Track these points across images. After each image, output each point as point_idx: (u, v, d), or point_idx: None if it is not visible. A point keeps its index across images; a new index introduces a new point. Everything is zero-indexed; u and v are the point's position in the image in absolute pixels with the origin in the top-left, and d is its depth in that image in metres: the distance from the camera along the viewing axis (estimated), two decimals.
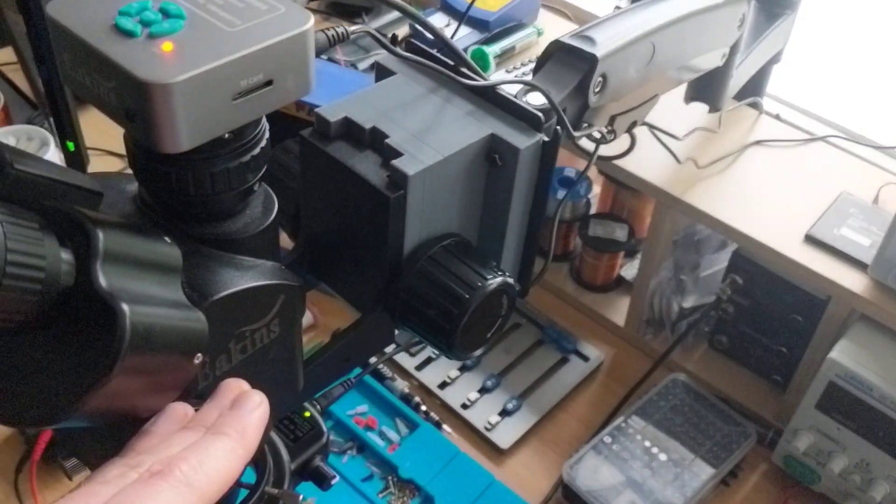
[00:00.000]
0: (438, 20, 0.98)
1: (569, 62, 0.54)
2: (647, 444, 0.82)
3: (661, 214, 0.85)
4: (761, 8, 0.90)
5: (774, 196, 0.82)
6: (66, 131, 0.94)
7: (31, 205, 0.29)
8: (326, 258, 0.46)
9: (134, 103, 0.30)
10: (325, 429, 0.36)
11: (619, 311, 0.99)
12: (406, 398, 0.89)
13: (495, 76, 0.93)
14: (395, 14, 1.38)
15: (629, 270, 1.03)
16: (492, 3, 0.97)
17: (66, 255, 0.29)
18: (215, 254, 0.34)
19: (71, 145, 0.95)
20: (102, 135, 1.06)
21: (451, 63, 0.48)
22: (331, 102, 0.45)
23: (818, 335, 0.80)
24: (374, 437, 0.85)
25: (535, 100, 0.52)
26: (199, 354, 0.32)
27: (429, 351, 0.94)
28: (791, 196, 0.82)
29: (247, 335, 0.35)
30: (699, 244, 0.92)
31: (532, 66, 0.97)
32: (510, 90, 0.48)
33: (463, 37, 0.96)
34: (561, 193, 0.97)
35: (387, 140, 0.43)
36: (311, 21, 0.34)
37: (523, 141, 0.44)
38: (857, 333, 0.74)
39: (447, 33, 0.95)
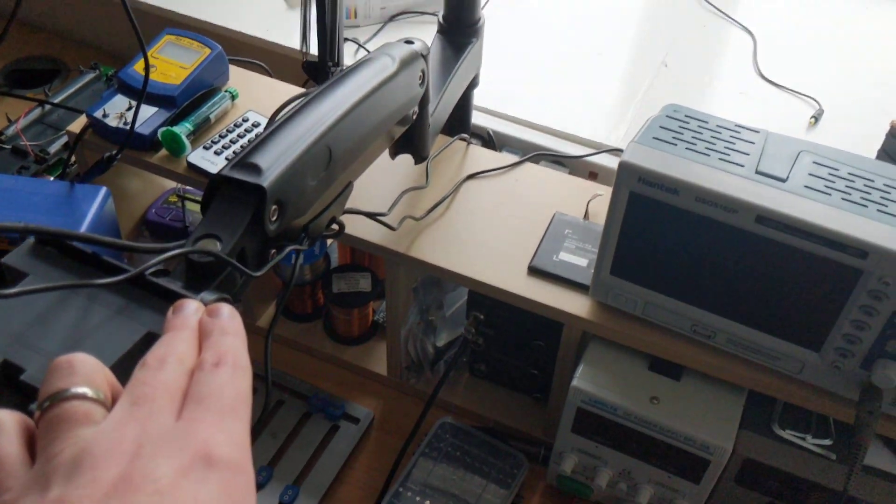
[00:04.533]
0: (119, 103, 0.89)
1: (236, 198, 0.50)
2: (428, 503, 0.81)
3: (392, 271, 0.83)
4: (447, 42, 0.90)
5: (495, 229, 0.83)
6: None
7: None
8: None
9: None
10: None
11: (381, 359, 0.98)
12: None
13: (194, 156, 0.87)
14: (88, 77, 1.27)
15: (384, 313, 1.02)
16: (174, 75, 0.90)
17: None
18: None
19: None
20: None
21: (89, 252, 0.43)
22: None
23: (560, 357, 0.82)
24: None
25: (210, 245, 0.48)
26: None
27: None
28: (511, 226, 0.83)
29: None
30: (440, 282, 0.92)
31: (235, 133, 0.91)
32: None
33: (149, 118, 0.87)
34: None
35: (23, 376, 0.37)
36: None
37: None
38: (594, 354, 0.77)
39: (129, 117, 0.87)
